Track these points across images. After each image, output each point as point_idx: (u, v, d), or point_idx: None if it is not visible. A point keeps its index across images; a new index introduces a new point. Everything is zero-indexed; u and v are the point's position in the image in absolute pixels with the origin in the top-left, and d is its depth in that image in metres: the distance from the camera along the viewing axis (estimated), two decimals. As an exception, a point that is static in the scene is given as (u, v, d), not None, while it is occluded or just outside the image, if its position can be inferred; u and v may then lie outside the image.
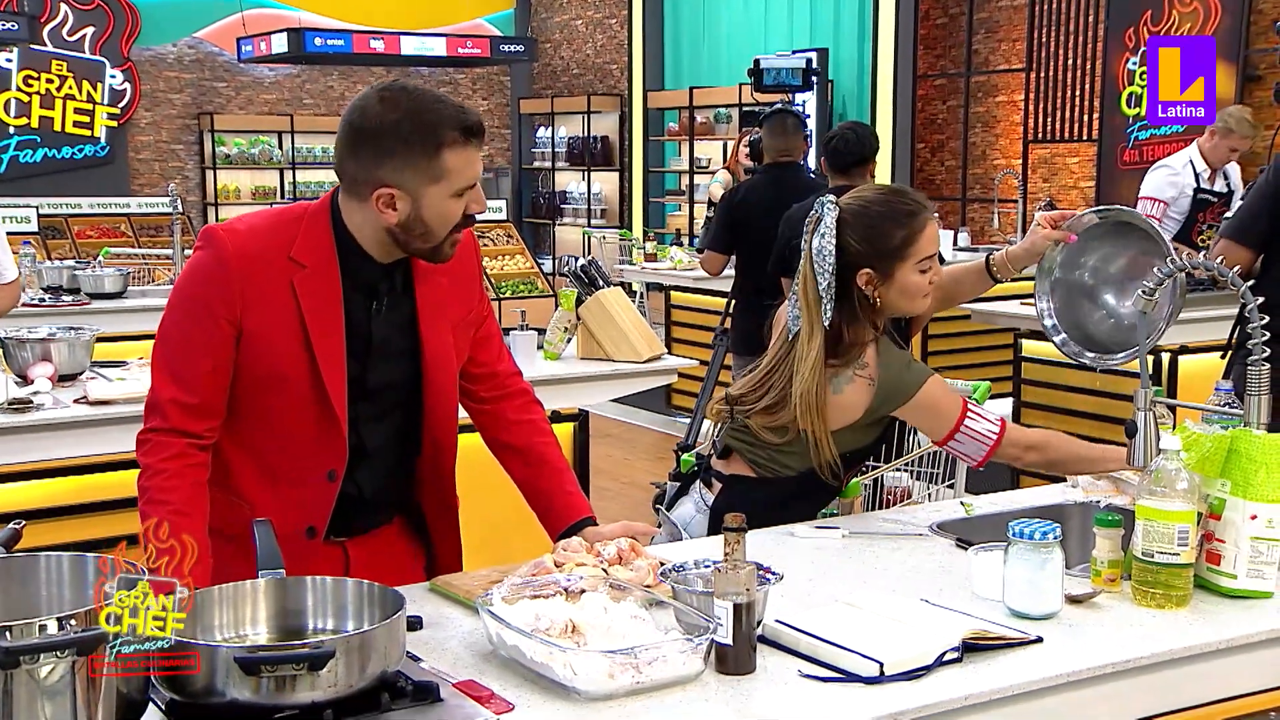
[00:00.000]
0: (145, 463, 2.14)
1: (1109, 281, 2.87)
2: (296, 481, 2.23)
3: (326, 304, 2.17)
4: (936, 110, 11.84)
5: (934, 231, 2.57)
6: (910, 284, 2.54)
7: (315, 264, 2.17)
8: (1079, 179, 10.65)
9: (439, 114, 2.10)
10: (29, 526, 2.11)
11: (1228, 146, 6.26)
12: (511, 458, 2.45)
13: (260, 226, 2.19)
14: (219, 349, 2.15)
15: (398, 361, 2.28)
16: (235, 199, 14.84)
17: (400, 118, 2.08)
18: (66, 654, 1.47)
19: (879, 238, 2.52)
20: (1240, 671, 2.02)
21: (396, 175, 2.10)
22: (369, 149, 2.11)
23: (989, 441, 2.55)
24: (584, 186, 15.43)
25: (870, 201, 2.57)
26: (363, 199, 2.14)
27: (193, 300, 2.16)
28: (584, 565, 2.12)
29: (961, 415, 2.55)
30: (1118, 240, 2.83)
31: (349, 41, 13.44)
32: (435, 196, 2.12)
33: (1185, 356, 5.34)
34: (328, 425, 2.20)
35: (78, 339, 4.11)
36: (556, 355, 4.64)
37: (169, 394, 2.14)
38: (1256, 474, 2.11)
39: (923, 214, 2.55)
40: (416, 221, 2.13)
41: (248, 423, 2.21)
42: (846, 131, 5.18)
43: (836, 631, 1.89)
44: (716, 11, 13.54)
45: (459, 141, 2.10)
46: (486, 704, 1.71)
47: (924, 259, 2.54)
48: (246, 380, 2.18)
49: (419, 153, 2.09)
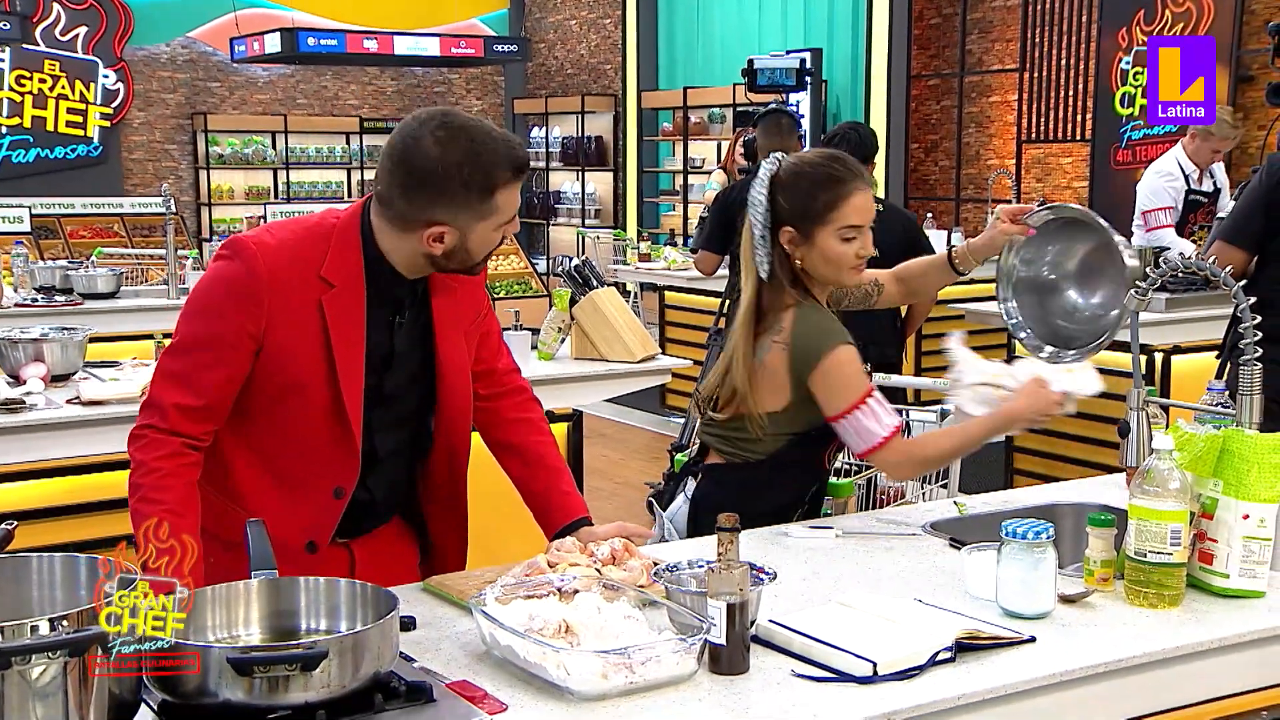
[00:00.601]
0: (139, 459, 2.13)
1: (1068, 276, 2.91)
2: (302, 495, 2.22)
3: (351, 322, 2.18)
4: (930, 110, 11.85)
5: (862, 203, 2.54)
6: (831, 251, 2.53)
7: (344, 283, 2.17)
8: (1072, 179, 10.67)
9: (494, 154, 2.10)
10: (21, 527, 2.12)
11: (1210, 149, 6.31)
12: (508, 456, 2.46)
13: (290, 241, 2.18)
14: (236, 360, 2.14)
15: (414, 370, 2.29)
16: (229, 199, 14.82)
17: (459, 161, 2.08)
18: (58, 655, 1.47)
19: (804, 198, 2.53)
20: (1233, 671, 2.02)
21: (449, 215, 2.12)
22: (424, 190, 2.10)
23: (872, 441, 2.48)
24: (578, 187, 15.43)
25: (806, 163, 2.58)
26: (409, 231, 2.14)
27: (217, 310, 2.15)
28: (577, 565, 2.12)
29: (860, 401, 2.49)
30: (1072, 236, 2.86)
31: (343, 41, 13.42)
32: (483, 230, 2.15)
33: (1178, 356, 5.35)
34: (341, 437, 2.20)
35: (70, 339, 4.11)
36: (550, 355, 4.64)
37: (173, 397, 2.13)
38: (1249, 473, 2.11)
39: (852, 183, 2.54)
40: (461, 251, 2.16)
41: (260, 429, 2.21)
42: (849, 131, 5.17)
43: (830, 631, 1.89)
44: (710, 11, 13.54)
45: (510, 181, 2.13)
46: (480, 704, 1.71)
47: (847, 227, 2.52)
48: (262, 390, 2.17)
49: (475, 194, 2.11)
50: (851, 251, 2.54)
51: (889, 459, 2.51)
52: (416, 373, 2.29)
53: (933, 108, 11.84)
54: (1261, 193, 3.88)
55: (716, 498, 2.57)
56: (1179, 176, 6.33)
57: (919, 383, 4.07)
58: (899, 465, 2.57)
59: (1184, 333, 5.47)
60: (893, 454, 2.50)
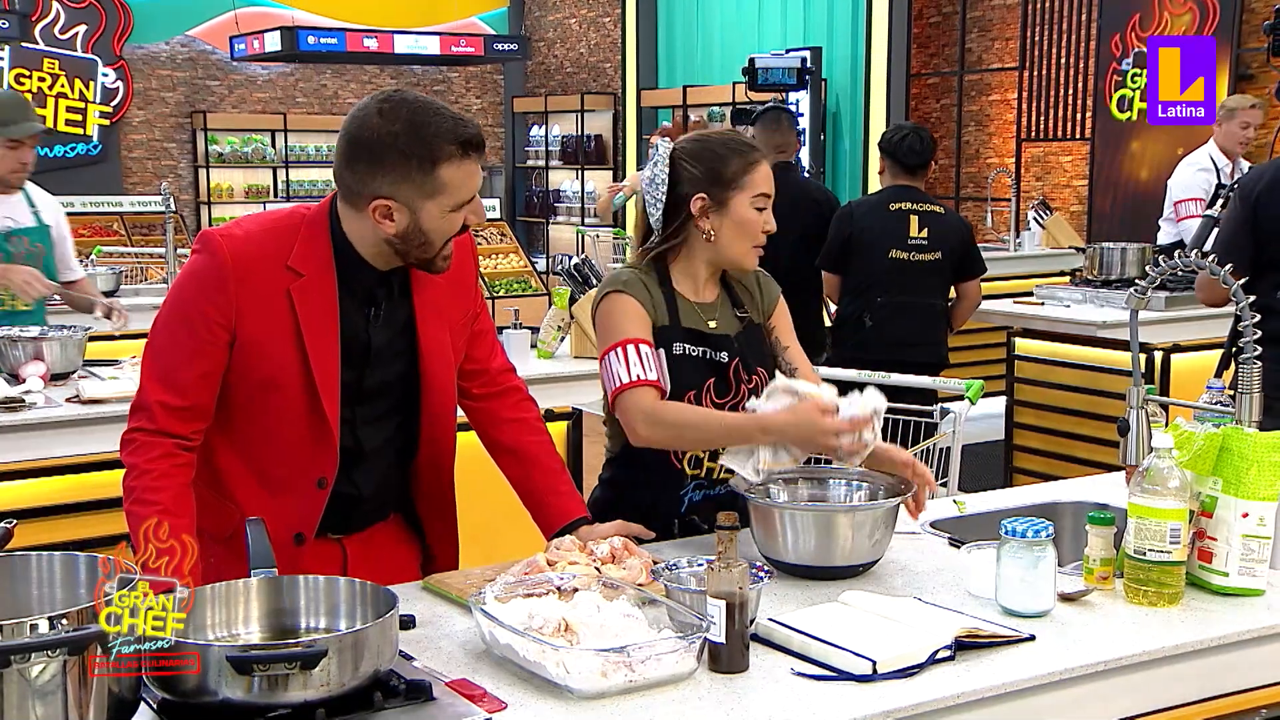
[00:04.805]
0: (131, 462, 2.13)
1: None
2: (286, 488, 2.22)
3: (322, 313, 2.17)
4: (930, 109, 11.85)
5: (767, 174, 2.54)
6: (744, 216, 2.50)
7: (313, 272, 2.16)
8: (1072, 177, 10.67)
9: (436, 128, 2.08)
10: (20, 526, 2.11)
11: (1237, 126, 6.34)
12: (505, 456, 2.45)
13: (258, 233, 2.18)
14: (212, 354, 2.14)
15: (395, 364, 2.27)
16: (228, 198, 14.81)
17: (398, 130, 2.07)
18: (58, 653, 1.47)
19: (717, 163, 2.51)
20: (1232, 669, 2.02)
21: (392, 188, 2.09)
22: (364, 161, 2.10)
23: (613, 384, 2.39)
24: (577, 185, 15.43)
25: (710, 136, 2.59)
26: (359, 209, 2.13)
27: (188, 304, 2.15)
28: (576, 564, 2.12)
29: (618, 345, 2.40)
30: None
31: (342, 40, 13.41)
32: (433, 210, 2.11)
33: (1178, 355, 5.36)
34: (319, 432, 2.19)
35: (70, 338, 4.11)
36: (550, 354, 4.65)
37: (157, 396, 2.14)
38: (1248, 472, 2.12)
39: (758, 154, 2.55)
40: (416, 233, 2.13)
41: (241, 427, 2.21)
42: (912, 135, 5.19)
43: (829, 630, 1.89)
44: (710, 10, 13.53)
45: (456, 156, 2.09)
46: (479, 703, 1.71)
47: (759, 195, 2.51)
48: (240, 386, 2.17)
49: (415, 167, 2.08)
50: (761, 220, 2.52)
51: (628, 407, 2.37)
52: (402, 369, 2.28)
53: (932, 106, 11.84)
54: (1243, 215, 3.86)
55: (594, 501, 2.59)
56: (1211, 169, 6.37)
57: (921, 381, 4.08)
58: (635, 417, 2.37)
59: (1183, 331, 5.47)
60: (632, 403, 2.36)
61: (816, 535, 2.21)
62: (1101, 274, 6.09)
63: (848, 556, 2.22)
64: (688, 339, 2.49)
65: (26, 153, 4.25)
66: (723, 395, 2.49)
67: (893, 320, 5.09)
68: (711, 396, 2.48)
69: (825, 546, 2.21)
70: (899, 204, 5.11)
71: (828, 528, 2.21)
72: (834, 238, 5.20)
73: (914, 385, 4.04)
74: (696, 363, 2.48)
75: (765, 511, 2.26)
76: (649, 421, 2.37)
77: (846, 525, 2.21)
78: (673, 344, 2.47)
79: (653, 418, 2.36)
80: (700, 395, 2.47)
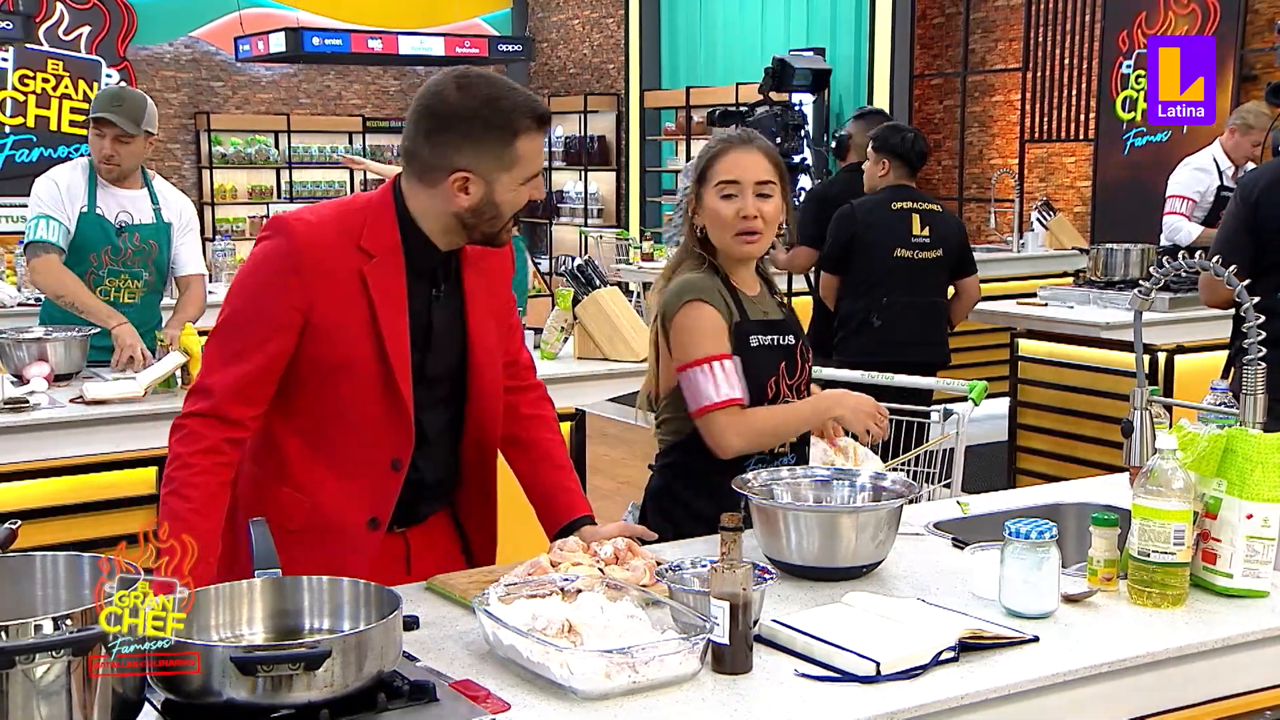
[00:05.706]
0: (177, 451, 2.14)
1: None
2: (360, 472, 2.24)
3: (393, 292, 2.20)
4: (933, 110, 11.85)
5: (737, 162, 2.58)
6: (712, 207, 2.58)
7: (382, 252, 2.20)
8: (1075, 178, 10.66)
9: (513, 101, 2.14)
10: (24, 526, 2.11)
11: (1250, 142, 6.35)
12: (516, 451, 2.47)
13: (329, 217, 2.21)
14: (283, 338, 2.16)
15: (451, 350, 2.31)
16: (232, 199, 14.82)
17: (479, 105, 2.12)
18: (62, 654, 1.47)
19: (698, 161, 2.64)
20: (1236, 670, 2.02)
21: (472, 160, 2.14)
22: (446, 134, 2.14)
23: (700, 403, 2.51)
24: (581, 186, 15.43)
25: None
26: (435, 184, 2.17)
27: (264, 286, 2.18)
28: (580, 565, 2.12)
29: (704, 360, 2.51)
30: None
31: (347, 41, 13.43)
32: (507, 182, 2.17)
33: (1181, 356, 5.35)
34: (394, 412, 2.21)
35: (74, 338, 4.11)
36: (553, 355, 4.65)
37: (221, 375, 2.15)
38: (1252, 473, 2.11)
39: (728, 143, 2.62)
40: (489, 205, 2.18)
41: (312, 413, 2.22)
42: (917, 136, 5.26)
43: (833, 631, 1.89)
44: (713, 11, 13.53)
45: (533, 129, 2.16)
46: (483, 703, 1.71)
47: (722, 183, 2.57)
48: (312, 369, 2.19)
49: (495, 139, 2.13)
50: (732, 209, 2.56)
51: (720, 426, 2.51)
52: (455, 353, 2.31)
53: (935, 107, 11.83)
54: (1243, 216, 3.85)
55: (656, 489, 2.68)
56: (1212, 171, 6.37)
57: (924, 382, 4.07)
58: (727, 435, 2.52)
59: (1187, 332, 5.47)
60: (724, 422, 2.50)
61: (820, 536, 2.21)
62: (1105, 275, 6.09)
63: (851, 558, 2.22)
64: (759, 330, 2.61)
65: (107, 144, 4.25)
66: (792, 375, 2.64)
67: (900, 320, 5.10)
68: (785, 380, 2.62)
69: (829, 547, 2.21)
70: (900, 203, 5.12)
71: (831, 529, 2.21)
72: (837, 238, 5.20)
73: (917, 387, 4.04)
74: (771, 350, 2.61)
75: (769, 513, 2.26)
76: (740, 436, 2.52)
77: (850, 526, 2.21)
78: (749, 336, 2.58)
79: (742, 433, 2.52)
80: (777, 380, 2.61)
